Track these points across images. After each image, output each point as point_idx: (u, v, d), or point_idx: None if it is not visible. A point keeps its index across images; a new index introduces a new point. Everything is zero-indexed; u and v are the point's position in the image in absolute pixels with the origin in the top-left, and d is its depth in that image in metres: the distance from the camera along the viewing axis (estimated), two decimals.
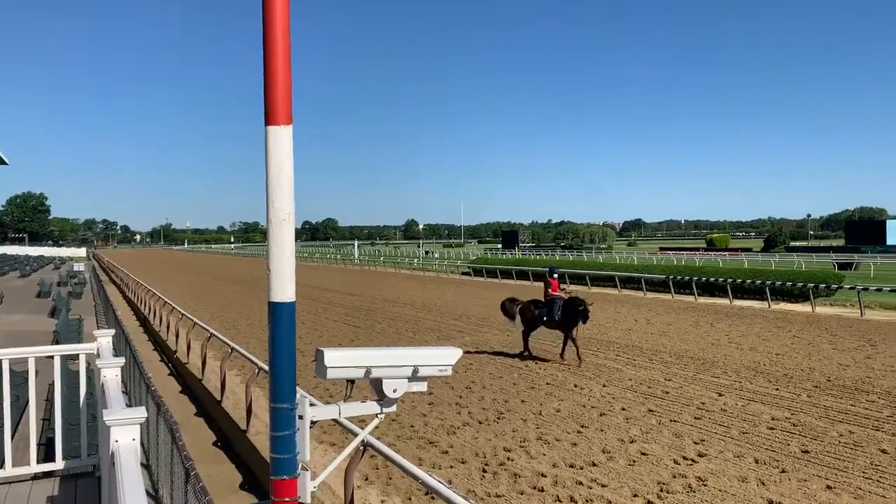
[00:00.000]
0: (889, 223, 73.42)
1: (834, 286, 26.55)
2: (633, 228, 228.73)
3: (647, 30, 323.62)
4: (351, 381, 2.98)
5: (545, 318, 15.33)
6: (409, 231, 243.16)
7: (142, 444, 7.46)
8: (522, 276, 41.77)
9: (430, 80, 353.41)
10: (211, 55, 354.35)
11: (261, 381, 10.33)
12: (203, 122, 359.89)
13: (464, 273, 51.00)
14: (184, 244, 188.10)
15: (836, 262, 47.95)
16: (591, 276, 36.66)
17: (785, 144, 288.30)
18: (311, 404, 3.12)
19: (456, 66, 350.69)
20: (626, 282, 34.54)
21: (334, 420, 3.83)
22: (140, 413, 3.87)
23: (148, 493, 6.51)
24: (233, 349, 11.75)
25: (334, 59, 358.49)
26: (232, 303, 30.64)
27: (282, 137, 2.87)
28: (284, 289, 2.80)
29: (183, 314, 17.38)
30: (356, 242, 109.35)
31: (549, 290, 15.65)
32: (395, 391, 2.99)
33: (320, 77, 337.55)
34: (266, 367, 7.82)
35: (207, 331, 14.02)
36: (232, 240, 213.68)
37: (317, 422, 3.06)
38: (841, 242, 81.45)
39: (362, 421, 4.09)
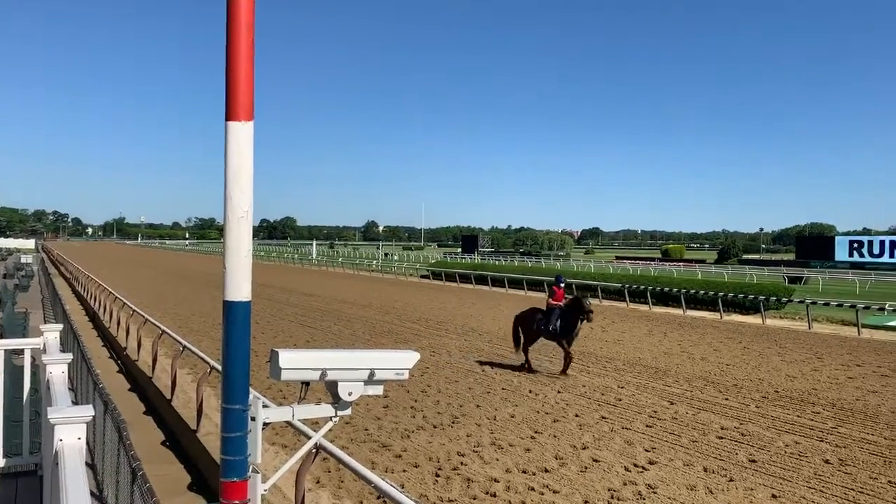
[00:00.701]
0: (837, 239, 75.48)
1: (784, 299, 27.20)
2: (590, 237, 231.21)
3: (609, 41, 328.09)
4: (305, 384, 2.95)
5: (542, 328, 14.67)
6: (369, 232, 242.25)
7: (87, 442, 7.27)
8: (481, 280, 41.91)
9: (393, 81, 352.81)
10: (172, 48, 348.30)
11: (212, 380, 10.17)
12: (160, 116, 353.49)
13: (423, 276, 50.95)
14: (137, 239, 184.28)
15: (787, 276, 49.16)
16: (548, 283, 36.88)
17: (740, 160, 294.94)
18: (264, 406, 3.07)
19: (420, 70, 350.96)
20: (582, 289, 34.85)
21: (287, 422, 3.78)
22: (86, 411, 3.77)
23: (92, 493, 6.34)
24: (184, 347, 11.53)
25: (297, 56, 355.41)
26: (185, 300, 30.11)
27: (242, 134, 2.82)
28: (240, 287, 2.76)
29: (134, 310, 17.00)
30: (314, 242, 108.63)
31: (553, 298, 15.06)
32: (350, 394, 2.98)
33: (283, 74, 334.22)
34: (218, 367, 7.71)
35: (159, 328, 13.75)
36: (187, 236, 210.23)
37: (269, 424, 3.01)
38: (791, 256, 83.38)
39: (316, 423, 4.05)
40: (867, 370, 15.35)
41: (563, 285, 15.49)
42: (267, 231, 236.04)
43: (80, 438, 3.61)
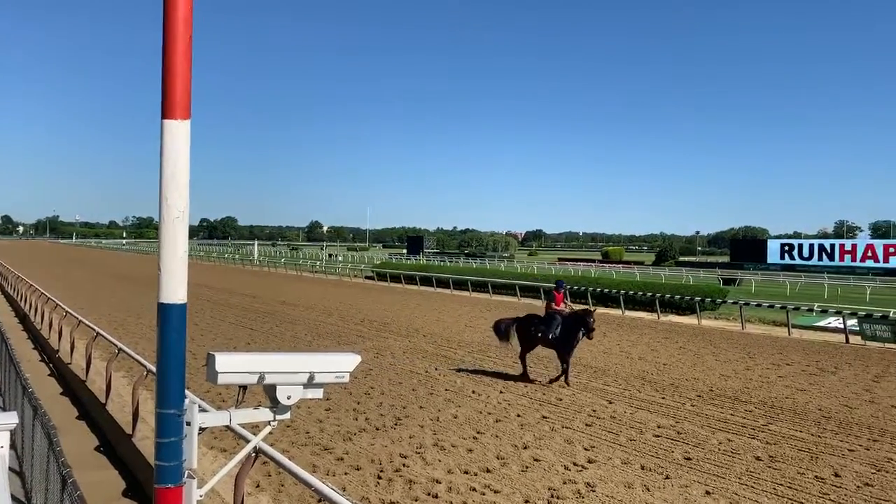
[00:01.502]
0: (770, 242, 78.23)
1: (718, 300, 28.02)
2: (534, 238, 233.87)
3: (543, 38, 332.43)
4: (243, 387, 2.91)
5: (540, 336, 13.93)
6: (312, 233, 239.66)
7: (15, 448, 7.01)
8: (426, 281, 41.96)
9: (336, 81, 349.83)
10: (108, 40, 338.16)
11: (149, 383, 9.89)
12: (95, 110, 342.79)
13: (367, 277, 50.72)
14: (72, 238, 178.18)
15: (721, 278, 50.65)
16: (493, 285, 37.22)
17: (678, 165, 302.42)
18: (201, 410, 3.02)
19: (365, 68, 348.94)
20: (525, 290, 35.27)
21: (226, 426, 3.72)
22: (11, 419, 3.63)
23: (20, 501, 6.11)
24: (120, 349, 11.23)
25: (238, 54, 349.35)
26: (122, 301, 29.28)
27: (179, 132, 2.77)
28: (176, 290, 2.70)
29: (67, 311, 16.46)
30: (256, 242, 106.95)
31: (553, 304, 14.35)
32: (289, 398, 2.95)
33: (222, 71, 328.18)
34: (155, 369, 7.53)
35: (93, 330, 13.34)
36: (124, 235, 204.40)
37: (206, 428, 2.96)
38: (726, 259, 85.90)
39: (256, 426, 4.00)
40: (796, 369, 15.94)
41: (563, 290, 14.77)
42: (207, 231, 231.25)
43: (2, 447, 3.48)
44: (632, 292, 30.53)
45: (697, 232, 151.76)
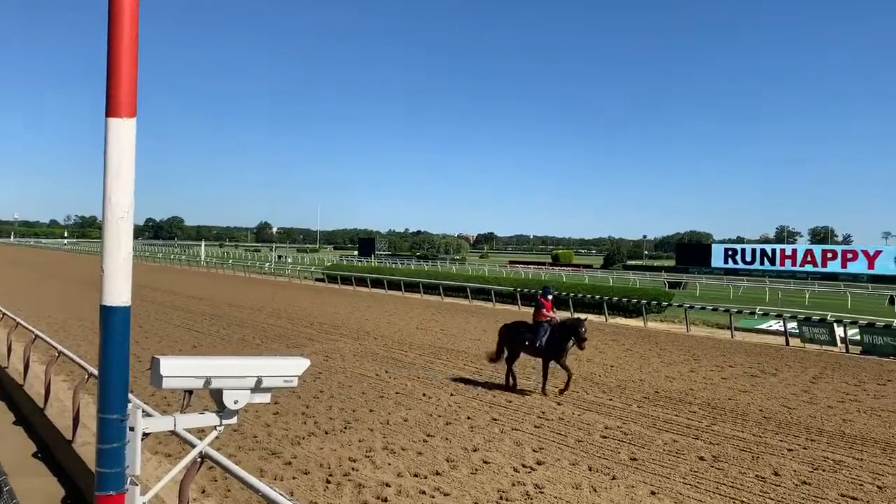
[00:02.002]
0: (714, 247, 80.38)
1: (664, 303, 28.60)
2: (485, 241, 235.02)
3: (497, 37, 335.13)
4: (189, 392, 2.86)
5: (527, 344, 13.55)
6: (262, 234, 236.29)
7: None
8: (378, 283, 41.81)
9: (286, 80, 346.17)
10: (53, 35, 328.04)
11: (91, 387, 9.61)
12: (35, 106, 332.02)
13: (318, 279, 50.27)
14: (10, 237, 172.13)
15: (667, 281, 51.78)
16: (444, 287, 37.30)
17: (626, 170, 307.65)
18: (145, 414, 2.96)
19: (313, 68, 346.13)
20: (477, 293, 35.43)
21: (171, 431, 3.64)
22: None
23: None
24: (60, 353, 10.89)
25: (185, 50, 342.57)
26: (63, 302, 28.40)
27: (124, 131, 2.71)
28: (119, 292, 2.64)
29: (4, 313, 15.90)
30: (203, 243, 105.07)
31: (542, 311, 13.81)
32: (236, 402, 2.91)
33: (170, 68, 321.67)
34: (97, 373, 7.31)
35: (32, 332, 12.91)
36: (66, 234, 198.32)
37: (150, 433, 2.90)
38: (672, 263, 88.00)
39: (203, 431, 3.93)
40: (739, 371, 16.38)
41: (551, 297, 14.15)
42: (152, 231, 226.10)
43: None
44: (581, 295, 30.99)
45: (645, 236, 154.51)
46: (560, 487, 8.00)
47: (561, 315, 14.17)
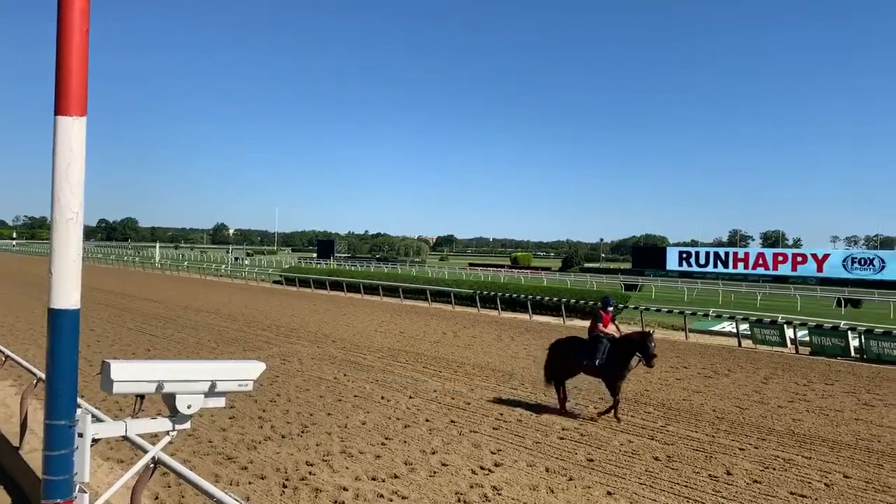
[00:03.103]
0: (669, 250, 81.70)
1: (621, 305, 28.95)
2: (445, 244, 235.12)
3: (465, 37, 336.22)
4: (140, 396, 2.79)
5: (585, 363, 11.90)
6: (218, 235, 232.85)
7: None
8: (337, 286, 41.53)
9: (243, 79, 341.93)
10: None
11: (39, 392, 9.35)
12: None
13: (275, 281, 49.72)
14: None
15: (623, 284, 52.53)
16: (403, 289, 37.22)
17: (584, 174, 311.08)
18: (96, 420, 2.89)
19: (268, 67, 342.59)
20: (436, 295, 35.45)
21: (122, 437, 3.56)
22: None
23: None
24: (7, 357, 10.57)
25: (139, 50, 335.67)
26: (11, 305, 27.57)
27: (73, 129, 2.64)
28: (68, 294, 2.57)
29: None
30: (158, 245, 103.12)
31: (599, 324, 12.22)
32: (189, 407, 2.85)
33: (122, 64, 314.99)
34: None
35: None
36: (14, 235, 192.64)
37: (100, 439, 2.83)
38: (628, 265, 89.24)
39: (156, 436, 3.85)
40: (692, 372, 16.68)
41: (611, 309, 12.70)
42: (105, 232, 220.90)
43: None
44: (539, 297, 31.23)
45: (602, 239, 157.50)
46: (517, 489, 8.04)
47: (623, 329, 12.71)
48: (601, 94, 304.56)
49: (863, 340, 19.37)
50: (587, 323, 27.51)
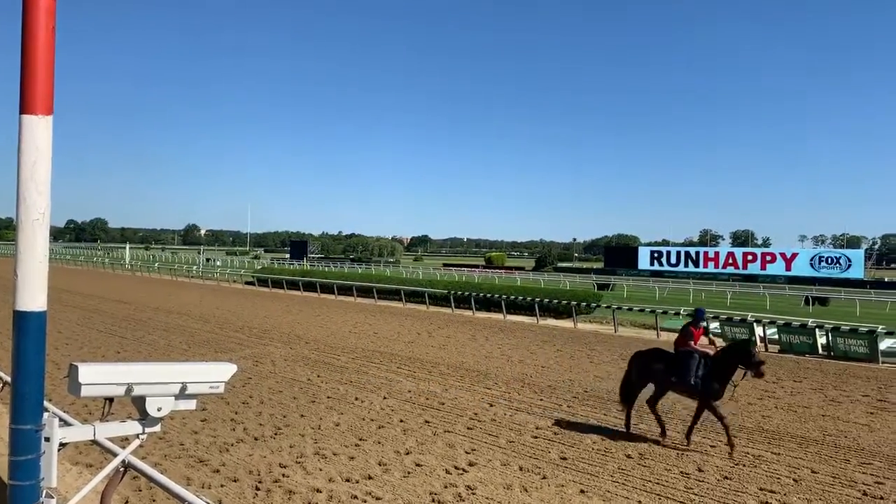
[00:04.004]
0: (640, 250, 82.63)
1: (593, 304, 29.18)
2: (420, 244, 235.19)
3: (440, 39, 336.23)
4: (109, 399, 2.76)
5: (674, 381, 10.49)
6: (189, 236, 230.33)
7: None
8: (310, 287, 41.30)
9: (215, 80, 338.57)
10: None
11: (5, 395, 9.18)
12: None
13: (248, 283, 49.31)
14: None
15: (596, 283, 52.94)
16: (377, 290, 37.13)
17: (557, 174, 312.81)
18: (63, 424, 2.84)
19: (242, 68, 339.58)
20: (410, 295, 35.42)
21: (91, 440, 3.51)
22: None
23: None
24: None
25: (110, 50, 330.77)
26: None
27: (39, 128, 2.60)
28: (34, 296, 2.53)
29: None
30: (128, 246, 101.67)
31: (689, 340, 10.52)
32: (159, 410, 2.82)
33: (90, 64, 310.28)
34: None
35: None
36: None
37: (67, 444, 2.78)
38: (600, 265, 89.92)
39: (126, 439, 3.79)
40: None
41: (704, 324, 10.99)
42: (74, 233, 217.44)
43: None
44: (513, 297, 31.37)
45: (574, 239, 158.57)
46: (491, 488, 8.06)
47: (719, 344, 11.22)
48: (575, 95, 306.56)
49: (830, 338, 19.74)
50: (561, 322, 27.87)
